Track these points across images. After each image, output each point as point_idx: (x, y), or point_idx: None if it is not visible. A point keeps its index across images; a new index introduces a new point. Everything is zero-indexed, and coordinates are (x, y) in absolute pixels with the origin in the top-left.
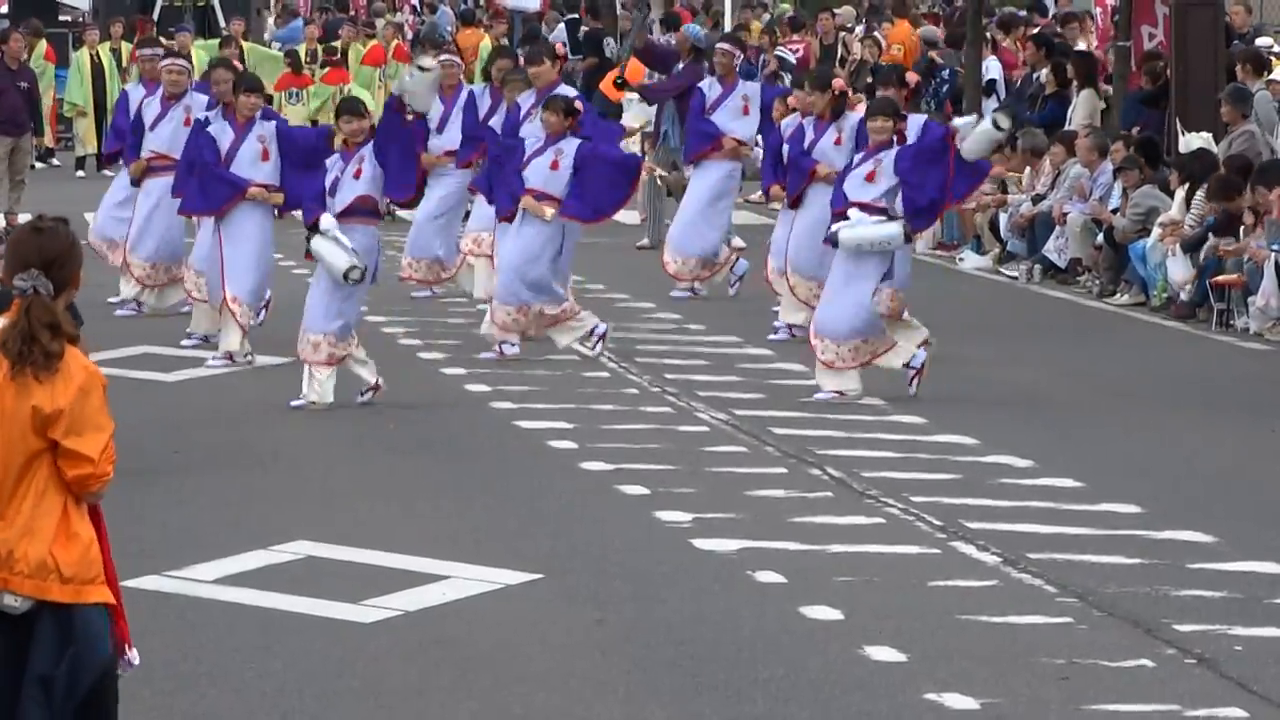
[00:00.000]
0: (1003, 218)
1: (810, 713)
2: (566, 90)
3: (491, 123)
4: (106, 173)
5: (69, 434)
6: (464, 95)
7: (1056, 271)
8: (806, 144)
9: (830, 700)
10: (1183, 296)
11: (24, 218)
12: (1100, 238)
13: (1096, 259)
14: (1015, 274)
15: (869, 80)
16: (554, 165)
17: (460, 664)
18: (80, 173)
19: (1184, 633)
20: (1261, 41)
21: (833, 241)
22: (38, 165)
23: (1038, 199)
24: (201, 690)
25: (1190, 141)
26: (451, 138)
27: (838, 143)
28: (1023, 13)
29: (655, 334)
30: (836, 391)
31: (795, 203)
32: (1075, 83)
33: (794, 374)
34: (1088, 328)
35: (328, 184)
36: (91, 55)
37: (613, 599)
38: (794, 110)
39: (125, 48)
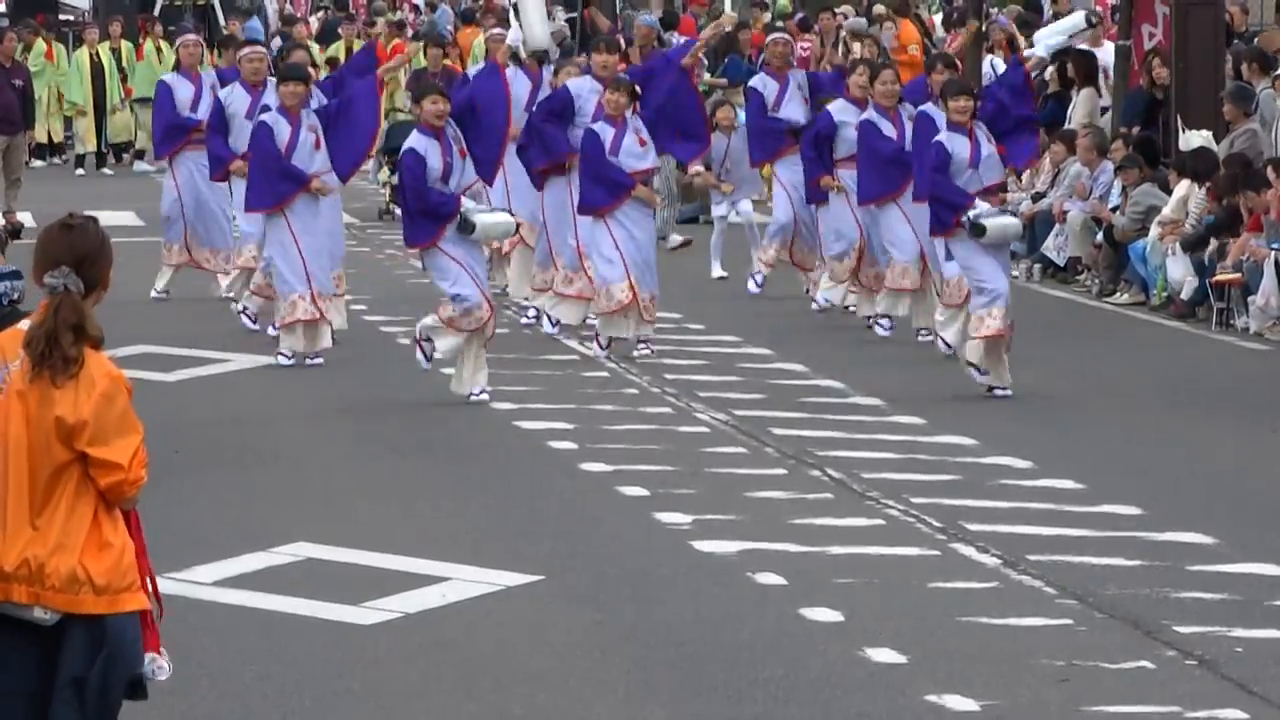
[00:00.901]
0: None
1: (810, 713)
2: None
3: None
4: (106, 171)
5: (95, 443)
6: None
7: (1056, 270)
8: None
9: (830, 701)
10: (1181, 296)
11: (22, 215)
12: (1100, 236)
13: (1096, 258)
14: (1015, 273)
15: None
16: (641, 142)
17: (460, 665)
18: (80, 171)
19: (1184, 634)
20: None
21: (979, 232)
22: (38, 163)
23: (1037, 197)
24: (202, 692)
25: (1190, 139)
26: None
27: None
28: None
29: (655, 334)
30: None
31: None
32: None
33: (794, 374)
34: (1088, 327)
35: (439, 168)
36: (91, 55)
37: (613, 599)
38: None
39: (125, 47)
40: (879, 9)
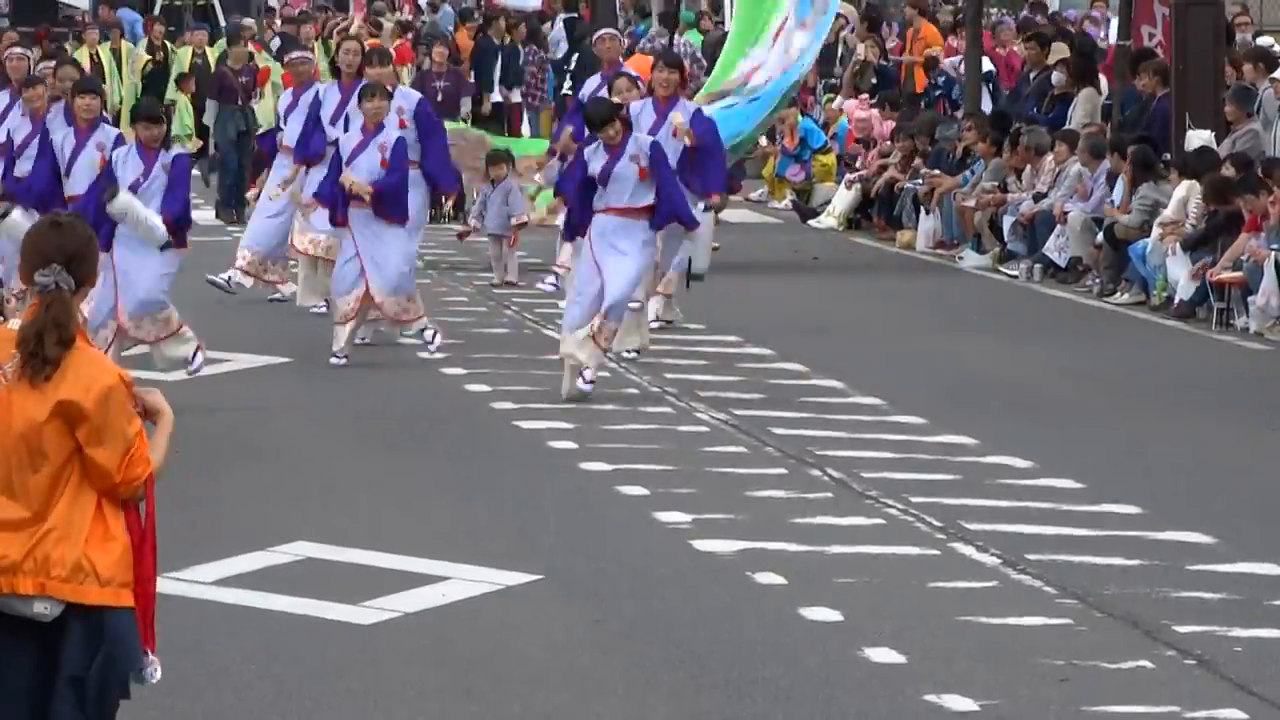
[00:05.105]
0: (1006, 220)
1: (810, 712)
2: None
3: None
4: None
5: (91, 443)
6: (311, 94)
7: (1056, 270)
8: None
9: (830, 700)
10: (1181, 296)
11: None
12: (1100, 236)
13: (1096, 258)
14: (1015, 273)
15: (873, 81)
16: (383, 163)
17: (460, 664)
18: None
19: (1184, 634)
20: (1262, 41)
21: None
22: None
23: (1038, 197)
24: (201, 691)
25: (1191, 139)
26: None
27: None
28: (1036, 17)
29: (655, 334)
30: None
31: None
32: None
33: (794, 374)
34: (1088, 327)
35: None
36: (91, 55)
37: (613, 598)
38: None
39: (125, 47)
40: (909, 11)
